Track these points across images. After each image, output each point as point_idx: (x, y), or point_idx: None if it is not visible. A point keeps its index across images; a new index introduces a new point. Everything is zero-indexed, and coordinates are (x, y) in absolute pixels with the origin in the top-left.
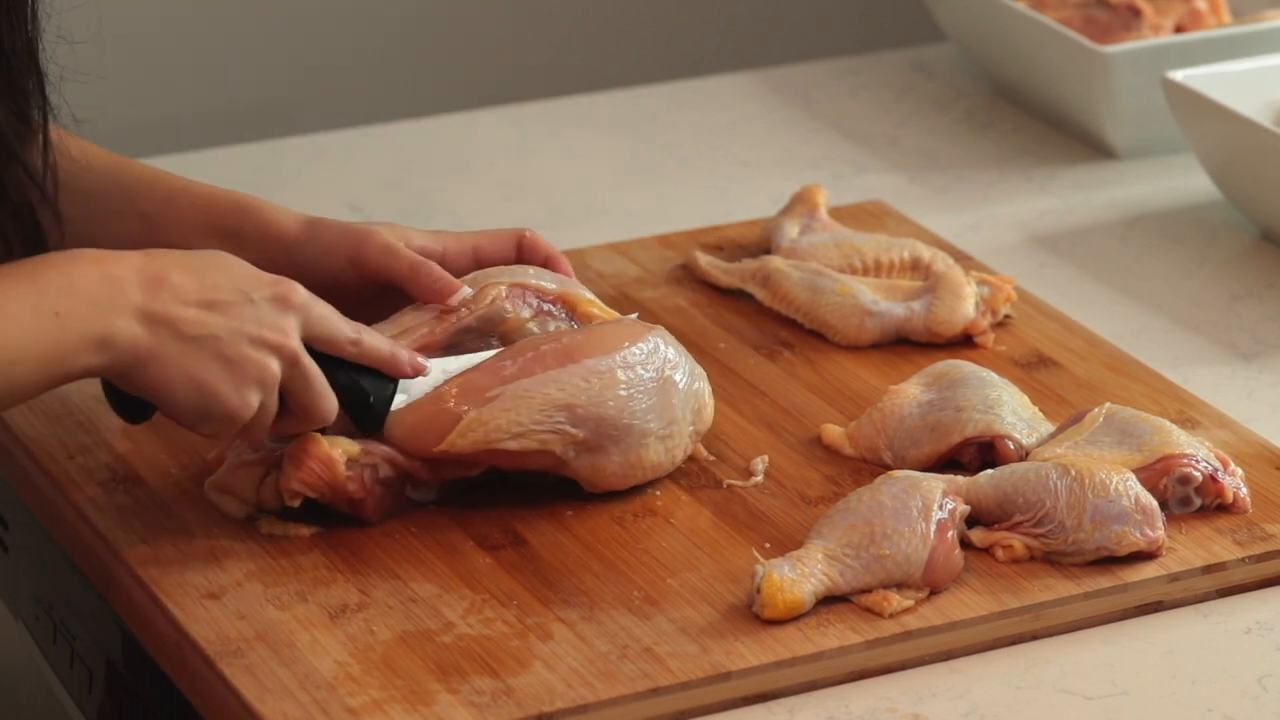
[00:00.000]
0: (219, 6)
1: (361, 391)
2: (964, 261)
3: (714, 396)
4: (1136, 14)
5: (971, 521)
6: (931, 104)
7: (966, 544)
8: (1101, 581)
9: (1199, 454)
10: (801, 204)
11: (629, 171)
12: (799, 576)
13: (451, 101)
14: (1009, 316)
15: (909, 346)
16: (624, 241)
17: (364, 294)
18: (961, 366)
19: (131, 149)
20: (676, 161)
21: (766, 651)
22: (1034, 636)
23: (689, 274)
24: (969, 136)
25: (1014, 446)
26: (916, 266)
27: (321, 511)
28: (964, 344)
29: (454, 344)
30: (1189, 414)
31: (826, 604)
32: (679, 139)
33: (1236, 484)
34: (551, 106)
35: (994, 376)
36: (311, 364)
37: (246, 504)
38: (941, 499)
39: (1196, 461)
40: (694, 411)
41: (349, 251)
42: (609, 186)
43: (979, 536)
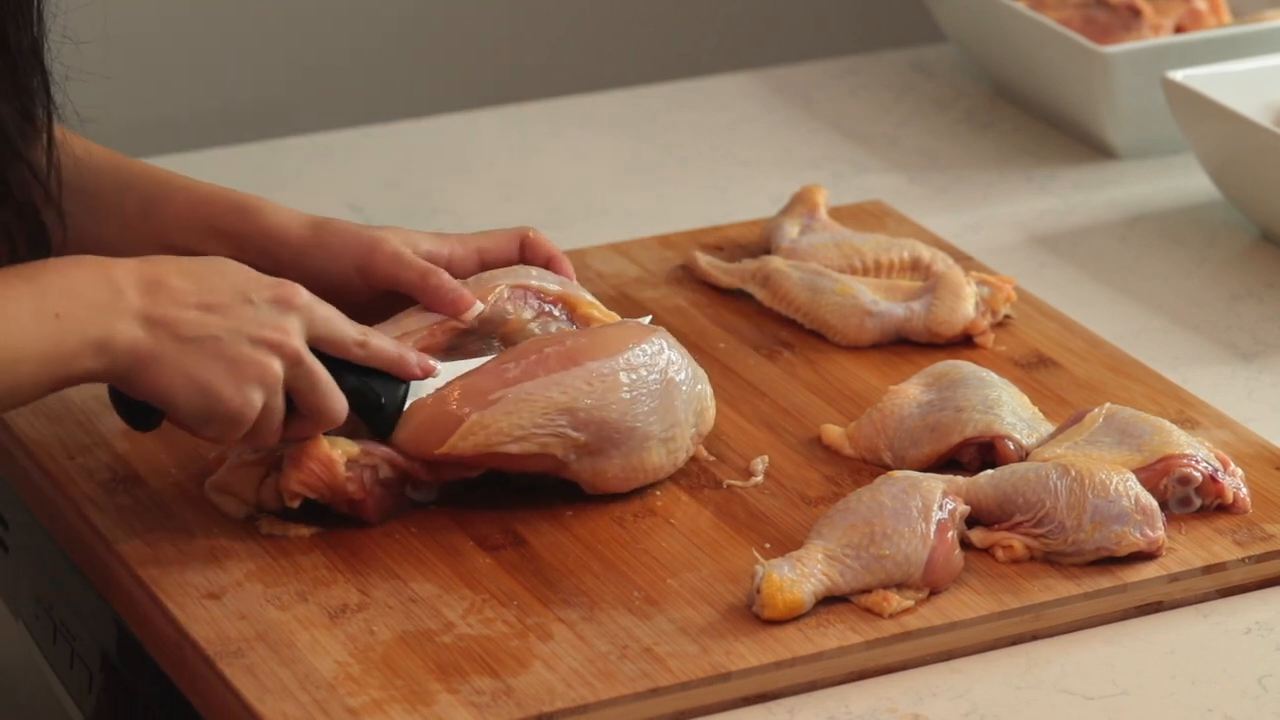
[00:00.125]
0: (218, 6)
1: (372, 394)
2: (964, 262)
3: (714, 397)
4: (1136, 14)
5: (971, 522)
6: (931, 104)
7: (966, 544)
8: (1101, 582)
9: (1199, 454)
10: (801, 204)
11: (629, 171)
12: (799, 577)
13: (451, 101)
14: (1009, 317)
15: (909, 347)
16: (624, 241)
17: (370, 299)
18: (961, 367)
19: (132, 149)
20: (676, 161)
21: (766, 652)
22: (1034, 637)
23: (689, 274)
24: (969, 137)
25: (1014, 447)
26: (916, 267)
27: (322, 512)
28: (964, 344)
29: (455, 345)
30: (1189, 414)
31: (826, 604)
32: (679, 139)
33: (1236, 484)
34: (552, 106)
35: (994, 377)
36: (316, 364)
37: (246, 504)
38: (941, 499)
39: (1196, 462)
40: (696, 413)
41: (357, 260)
42: (609, 186)
43: (979, 537)
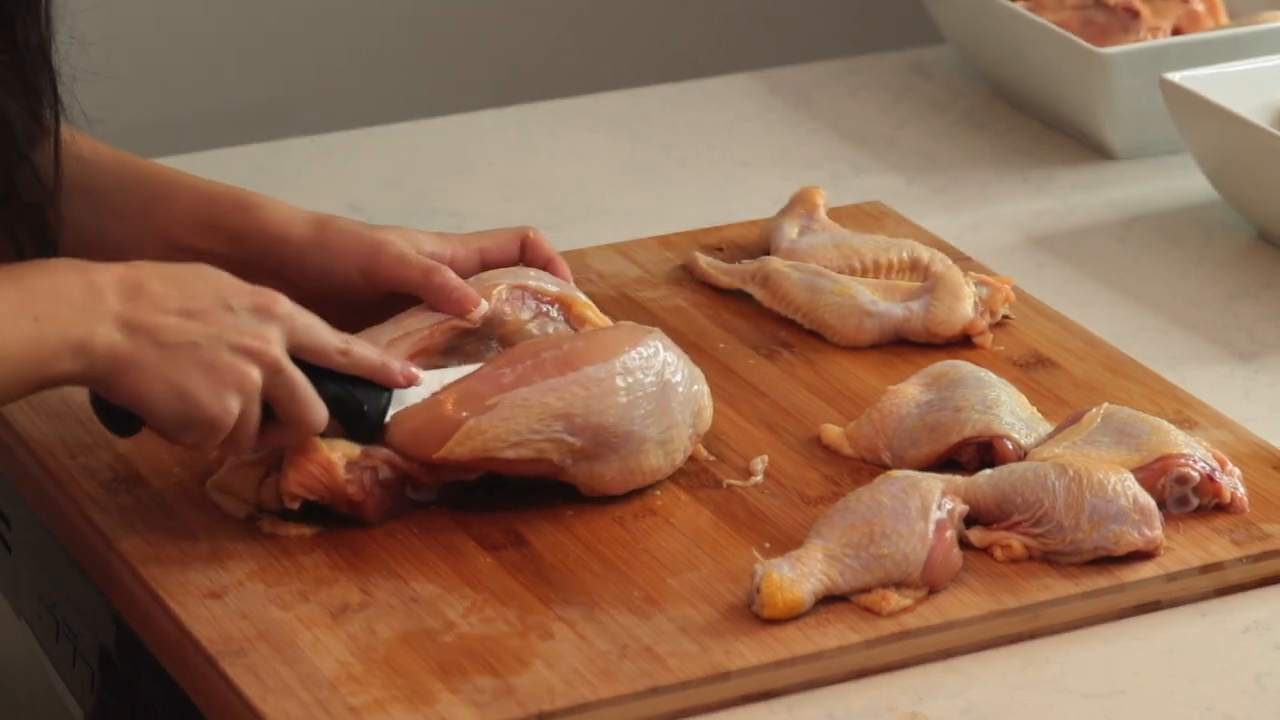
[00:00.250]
0: (218, 7)
1: (354, 401)
2: (962, 262)
3: (714, 397)
4: (1134, 15)
5: (970, 521)
6: (930, 105)
7: (965, 544)
8: (1100, 581)
9: (1196, 454)
10: (800, 205)
11: (629, 172)
12: (798, 576)
13: (452, 102)
14: (1007, 317)
15: (908, 347)
16: (624, 242)
17: (372, 300)
18: (960, 367)
19: (132, 149)
20: (676, 162)
21: (766, 651)
22: (1032, 636)
23: (688, 274)
24: (967, 137)
25: (1012, 446)
26: (915, 267)
27: (323, 511)
28: (962, 344)
29: (453, 346)
30: (1186, 414)
31: (826, 603)
32: (678, 139)
33: (1234, 484)
34: (551, 107)
35: (992, 377)
36: (296, 373)
37: (247, 504)
38: (940, 499)
39: (1194, 461)
40: (693, 414)
41: (360, 261)
42: (609, 186)
43: (977, 536)
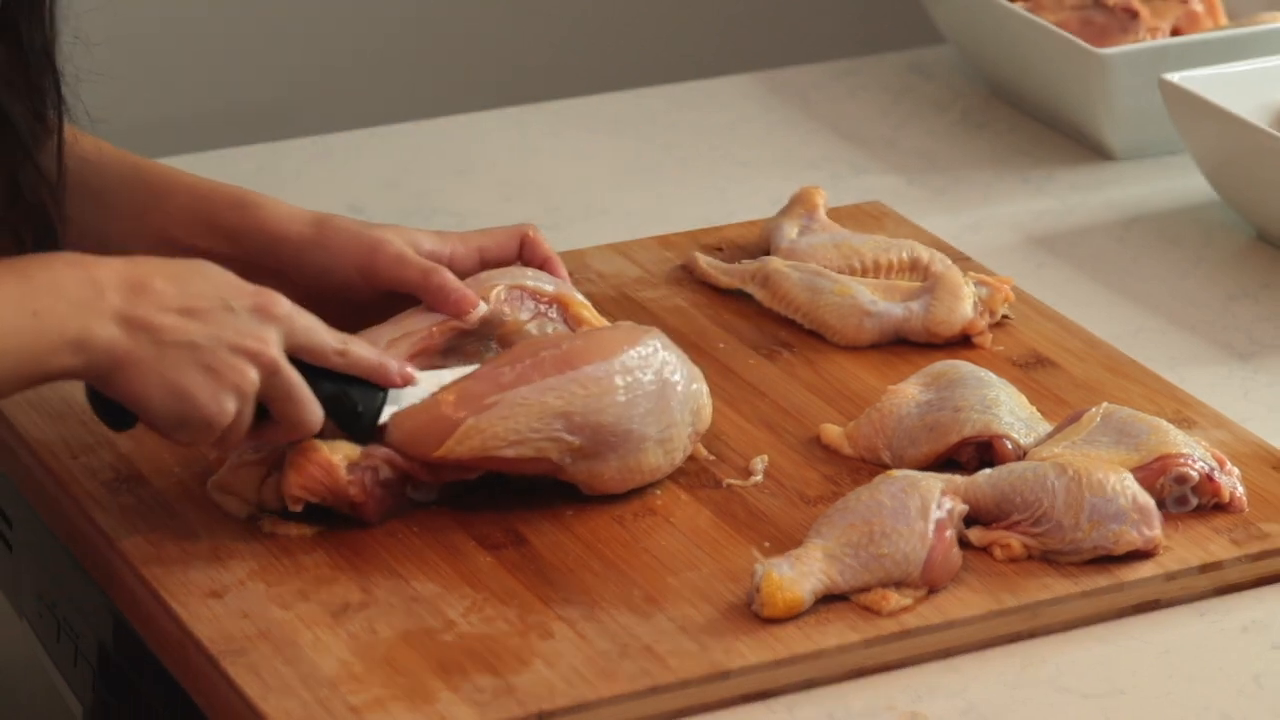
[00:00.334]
0: (221, 8)
1: (350, 401)
2: (962, 262)
3: (714, 397)
4: (1133, 16)
5: (970, 521)
6: (930, 105)
7: (964, 543)
8: (1099, 580)
9: (1195, 453)
10: (800, 205)
11: (629, 172)
12: (798, 575)
13: (452, 103)
14: (1007, 317)
15: (907, 347)
16: (624, 242)
17: (371, 299)
18: (960, 367)
19: (133, 149)
20: (676, 162)
21: (766, 650)
22: (1031, 635)
23: (688, 274)
24: (967, 138)
25: (1012, 446)
26: (915, 267)
27: (323, 511)
28: (962, 344)
29: (452, 347)
30: (1186, 414)
31: (825, 602)
32: (679, 139)
33: (1233, 483)
34: (552, 107)
35: (992, 376)
36: (293, 374)
37: (248, 503)
38: (940, 498)
39: (1193, 461)
40: (692, 413)
41: (359, 261)
42: (609, 187)
43: (977, 536)
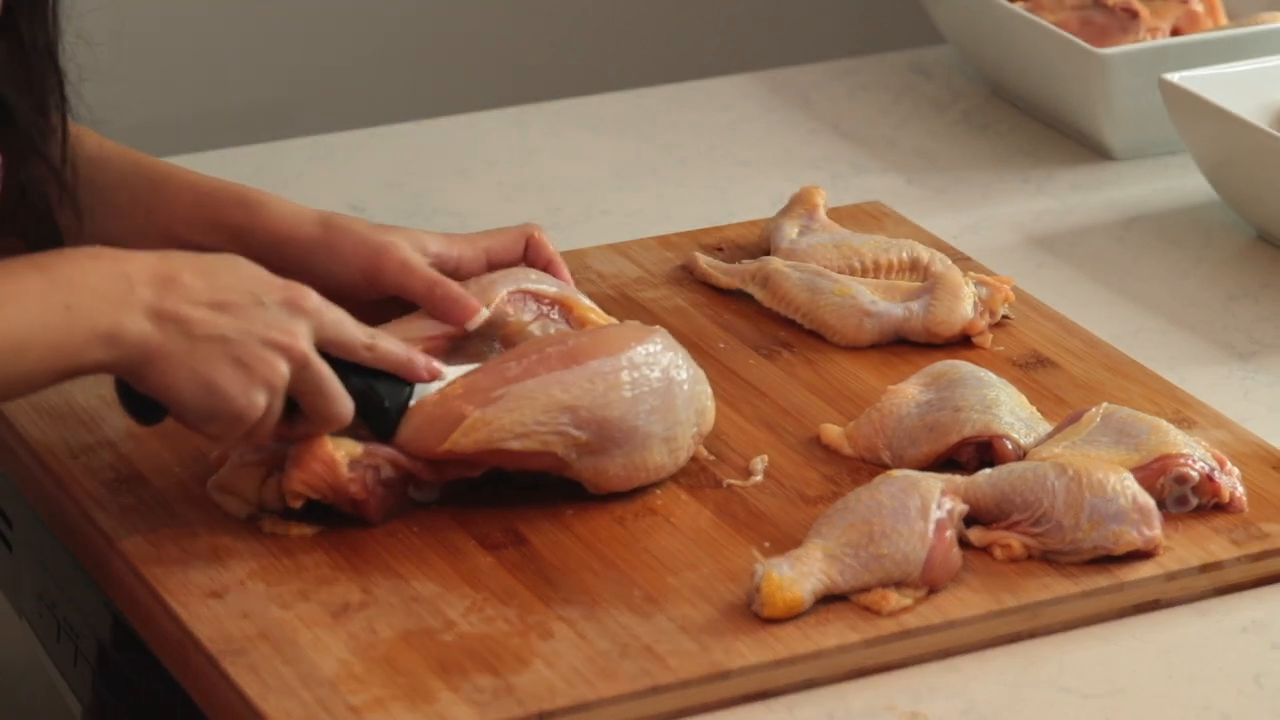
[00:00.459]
0: (222, 8)
1: (376, 396)
2: (962, 262)
3: (714, 397)
4: (1133, 16)
5: (970, 521)
6: (930, 105)
7: (965, 543)
8: (1099, 580)
9: (1195, 453)
10: (800, 205)
11: (629, 172)
12: (798, 575)
13: (453, 103)
14: (1007, 317)
15: (907, 347)
16: (624, 242)
17: (376, 299)
18: (960, 367)
19: (135, 149)
20: (676, 162)
21: (766, 650)
22: (1031, 635)
23: (689, 274)
24: (967, 138)
25: (1012, 446)
26: (915, 267)
27: (324, 511)
28: (962, 344)
29: (456, 348)
30: (1186, 414)
31: (825, 603)
32: (679, 139)
33: (1233, 483)
34: (552, 107)
35: (992, 376)
36: (323, 367)
37: (249, 503)
38: (940, 498)
39: (1193, 461)
40: (697, 413)
41: (364, 264)
42: (609, 187)
43: (977, 536)
